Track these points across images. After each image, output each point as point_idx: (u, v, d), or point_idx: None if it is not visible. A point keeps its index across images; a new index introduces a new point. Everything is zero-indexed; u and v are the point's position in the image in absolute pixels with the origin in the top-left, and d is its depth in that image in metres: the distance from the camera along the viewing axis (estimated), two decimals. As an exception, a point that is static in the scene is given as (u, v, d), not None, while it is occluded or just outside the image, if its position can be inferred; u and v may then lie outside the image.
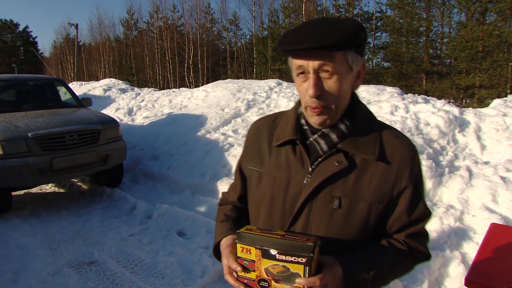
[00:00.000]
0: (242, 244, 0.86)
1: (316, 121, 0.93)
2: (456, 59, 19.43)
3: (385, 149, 0.94)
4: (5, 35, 55.84)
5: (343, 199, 0.91)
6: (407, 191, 0.94)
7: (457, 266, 2.86)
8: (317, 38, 0.81)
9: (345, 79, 0.88)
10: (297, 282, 0.82)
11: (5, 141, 4.17)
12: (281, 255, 0.82)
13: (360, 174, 0.92)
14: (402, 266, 0.98)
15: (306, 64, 0.86)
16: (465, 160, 4.28)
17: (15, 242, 3.76)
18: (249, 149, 1.10)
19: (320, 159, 0.94)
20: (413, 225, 0.98)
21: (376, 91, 7.07)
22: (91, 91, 12.61)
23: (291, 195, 0.96)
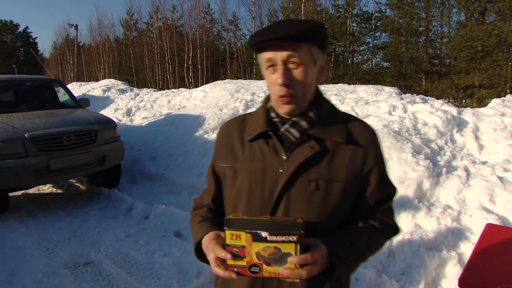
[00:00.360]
0: (232, 230, 0.85)
1: (285, 110, 0.99)
2: (455, 59, 19.42)
3: (352, 133, 1.02)
4: (5, 36, 55.87)
5: (319, 181, 0.97)
6: (375, 170, 1.02)
7: (453, 266, 2.85)
8: (283, 30, 0.90)
9: (310, 70, 0.96)
10: (289, 261, 0.83)
11: (2, 142, 4.17)
12: (272, 236, 0.83)
13: (332, 157, 0.99)
14: (378, 242, 1.04)
15: (275, 56, 0.93)
16: (462, 160, 4.27)
17: (12, 243, 3.76)
18: (220, 149, 1.12)
19: (293, 146, 0.99)
20: (384, 202, 1.06)
21: (374, 91, 7.06)
22: (91, 92, 12.61)
23: (269, 185, 0.99)
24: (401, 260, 3.01)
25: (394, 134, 4.56)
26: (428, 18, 21.31)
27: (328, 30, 25.54)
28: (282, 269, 0.84)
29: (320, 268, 0.87)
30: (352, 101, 6.64)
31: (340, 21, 25.90)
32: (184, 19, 35.27)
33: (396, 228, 1.10)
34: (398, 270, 2.91)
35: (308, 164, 0.97)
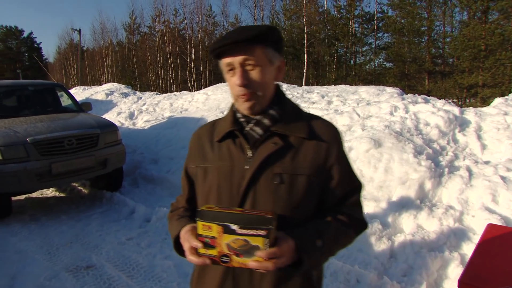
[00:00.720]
0: (204, 221, 0.89)
1: (246, 107, 1.05)
2: (458, 58, 19.30)
3: (314, 129, 1.08)
4: (10, 42, 56.33)
5: (284, 175, 1.02)
6: (338, 165, 1.06)
7: (456, 267, 2.82)
8: (236, 35, 0.98)
9: (267, 70, 1.03)
10: (257, 254, 0.86)
11: (4, 146, 4.20)
12: (241, 229, 0.86)
13: (295, 152, 1.04)
14: (346, 236, 1.07)
15: (233, 60, 1.00)
16: (465, 160, 4.24)
17: (14, 247, 3.77)
18: (192, 153, 1.20)
19: (258, 143, 1.05)
20: (350, 196, 1.10)
21: (376, 91, 7.03)
22: (94, 96, 12.68)
23: (236, 181, 1.04)
24: (402, 262, 2.99)
25: (396, 134, 4.54)
26: (430, 17, 21.22)
27: (330, 31, 25.56)
28: (250, 261, 0.88)
29: (287, 261, 0.90)
30: (353, 102, 6.62)
31: (342, 22, 25.87)
32: (186, 22, 35.44)
33: (364, 222, 1.13)
34: (399, 271, 2.89)
35: (272, 159, 1.02)
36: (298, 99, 7.38)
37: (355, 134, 4.93)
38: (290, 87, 8.70)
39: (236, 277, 1.04)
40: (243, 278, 1.03)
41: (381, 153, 4.25)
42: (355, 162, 4.23)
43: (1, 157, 4.16)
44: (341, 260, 3.05)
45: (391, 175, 3.99)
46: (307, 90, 8.15)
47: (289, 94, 7.90)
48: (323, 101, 6.94)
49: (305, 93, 7.86)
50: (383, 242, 3.22)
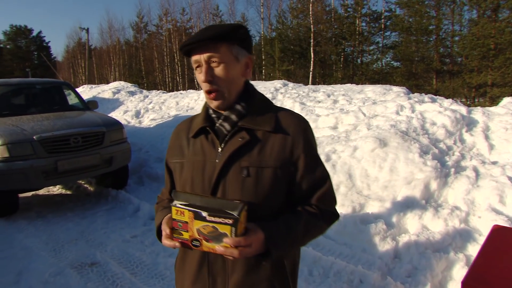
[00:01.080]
0: (177, 207, 0.95)
1: (214, 104, 1.12)
2: (467, 57, 19.04)
3: (281, 123, 1.12)
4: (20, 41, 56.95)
5: (250, 168, 1.07)
6: (303, 156, 1.10)
7: (461, 269, 2.78)
8: (201, 34, 1.04)
9: (232, 67, 1.08)
10: (224, 241, 0.92)
11: (11, 144, 4.24)
12: (210, 216, 0.92)
13: (262, 145, 1.09)
14: (316, 227, 1.11)
15: (199, 58, 1.06)
16: (472, 160, 4.19)
17: (20, 244, 3.81)
18: (171, 148, 1.27)
19: (227, 138, 1.11)
20: (318, 187, 1.13)
21: (382, 91, 6.98)
22: (101, 94, 12.76)
23: (208, 174, 1.11)
24: (407, 262, 2.96)
25: (401, 134, 4.50)
26: (439, 16, 20.98)
27: (337, 30, 25.41)
28: (218, 246, 0.93)
29: (255, 251, 0.96)
30: (359, 101, 6.58)
31: (349, 21, 25.69)
32: (193, 21, 35.53)
33: (335, 214, 1.17)
34: (404, 272, 2.86)
35: (240, 153, 1.08)
36: (304, 98, 7.35)
37: (360, 134, 4.90)
38: (296, 86, 8.67)
39: (210, 263, 1.12)
40: (217, 264, 1.11)
41: (387, 152, 4.21)
42: (360, 162, 4.20)
43: (8, 154, 4.20)
44: (344, 260, 3.03)
45: (396, 175, 3.96)
46: (313, 89, 8.11)
47: (295, 93, 7.87)
48: (328, 100, 6.90)
49: (311, 92, 7.83)
50: (387, 242, 3.19)
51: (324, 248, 3.30)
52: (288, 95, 7.74)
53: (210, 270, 1.12)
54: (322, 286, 2.75)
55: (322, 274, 2.89)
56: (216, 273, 1.12)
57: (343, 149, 4.47)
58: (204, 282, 1.14)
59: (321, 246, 3.32)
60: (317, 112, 6.27)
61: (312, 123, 5.80)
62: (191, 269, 1.16)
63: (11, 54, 54.65)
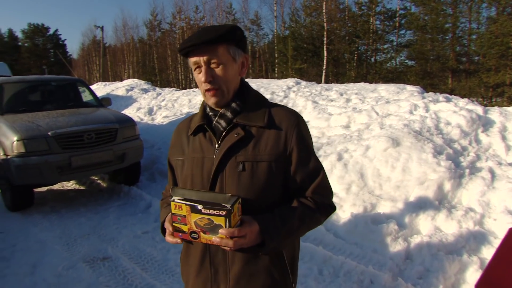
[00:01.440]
0: (175, 202, 1.01)
1: (212, 102, 1.16)
2: (484, 56, 18.61)
3: (274, 118, 1.17)
4: (37, 39, 58.08)
5: (246, 163, 1.12)
6: (296, 150, 1.14)
7: (475, 272, 2.73)
8: (200, 36, 1.08)
9: (230, 67, 1.13)
10: (220, 232, 0.98)
11: (27, 139, 4.33)
12: (205, 209, 0.98)
13: (256, 140, 1.14)
14: (312, 219, 1.15)
15: (199, 60, 1.11)
16: (487, 161, 4.09)
17: (35, 237, 3.90)
18: (173, 146, 1.32)
19: (223, 135, 1.16)
20: (312, 179, 1.17)
21: (396, 90, 6.88)
22: (114, 91, 12.92)
23: (206, 170, 1.16)
24: (419, 264, 2.92)
25: (415, 133, 4.43)
26: (455, 14, 20.53)
27: (351, 28, 25.15)
28: (214, 237, 0.99)
29: (250, 241, 1.02)
30: (372, 100, 6.50)
31: (363, 19, 25.36)
32: (206, 19, 35.64)
33: (331, 206, 1.22)
34: (415, 273, 2.82)
35: (235, 148, 1.13)
36: (317, 96, 7.30)
37: (373, 133, 4.84)
38: (308, 85, 8.61)
39: (212, 255, 1.17)
40: (218, 255, 1.16)
41: (399, 152, 4.15)
42: (372, 161, 4.15)
43: (24, 149, 4.29)
44: (355, 260, 3.00)
45: (409, 175, 3.90)
46: (326, 88, 8.05)
47: (307, 91, 7.83)
48: (341, 98, 6.84)
49: (324, 90, 7.77)
50: (399, 243, 3.15)
51: (335, 247, 3.27)
52: (301, 93, 7.70)
53: (212, 262, 1.18)
54: (332, 286, 2.73)
55: (332, 273, 2.87)
56: (217, 264, 1.17)
57: (355, 148, 4.43)
58: (207, 273, 1.19)
59: (332, 246, 3.30)
60: (329, 111, 6.22)
61: (324, 122, 5.76)
62: (194, 261, 1.22)
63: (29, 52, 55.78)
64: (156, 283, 2.92)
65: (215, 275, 1.18)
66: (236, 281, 1.15)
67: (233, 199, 1.00)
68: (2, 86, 5.43)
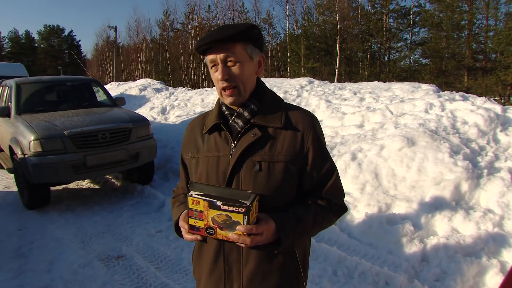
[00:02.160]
0: (193, 197, 1.01)
1: (229, 101, 1.15)
2: (502, 54, 18.20)
3: (291, 119, 1.18)
4: (53, 40, 59.29)
5: (262, 163, 1.12)
6: (312, 151, 1.15)
7: (495, 275, 2.66)
8: (218, 34, 1.07)
9: (247, 65, 1.13)
10: (237, 229, 0.98)
11: (44, 139, 4.41)
12: (224, 205, 0.97)
13: (273, 141, 1.14)
14: (325, 219, 1.16)
15: (215, 57, 1.10)
16: (507, 161, 3.99)
17: (52, 234, 3.96)
18: (186, 144, 1.31)
19: (240, 134, 1.16)
20: (326, 180, 1.18)
21: (411, 88, 6.77)
22: (128, 91, 13.06)
23: (222, 169, 1.16)
24: (435, 266, 2.86)
25: (431, 133, 4.35)
26: (472, 11, 20.13)
27: (364, 26, 24.88)
28: (231, 234, 0.99)
29: (266, 239, 1.02)
30: (386, 99, 6.41)
31: (376, 17, 25.10)
32: (218, 18, 35.75)
33: (343, 207, 1.23)
34: (432, 276, 2.77)
35: (252, 148, 1.13)
36: (330, 95, 7.24)
37: (387, 132, 4.77)
38: (321, 84, 8.55)
39: (226, 254, 1.17)
40: (232, 254, 1.17)
41: (415, 152, 4.08)
42: (387, 161, 4.09)
43: (41, 148, 4.37)
44: (369, 261, 2.96)
45: (424, 175, 3.83)
46: (339, 87, 7.98)
47: (320, 90, 7.77)
48: (355, 98, 6.77)
49: (337, 89, 7.70)
50: (415, 244, 3.09)
51: (349, 248, 3.23)
52: (314, 92, 7.65)
53: (226, 261, 1.18)
54: (346, 287, 2.69)
55: (346, 274, 2.84)
56: (231, 263, 1.18)
57: (369, 148, 4.37)
58: (220, 272, 1.19)
59: (346, 246, 3.26)
60: (343, 110, 6.16)
61: (338, 121, 5.71)
62: (207, 260, 1.22)
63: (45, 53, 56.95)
64: (170, 282, 2.93)
65: (228, 274, 1.18)
66: (250, 280, 1.16)
67: (252, 196, 1.00)
68: (19, 86, 5.54)
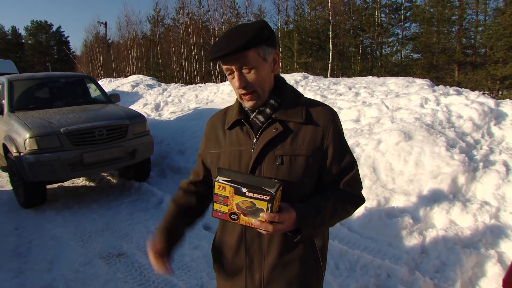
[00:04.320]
0: (219, 182, 1.04)
1: (250, 105, 1.19)
2: (491, 48, 18.42)
3: (311, 114, 1.19)
4: (40, 36, 58.27)
5: (284, 156, 1.15)
6: (333, 145, 1.18)
7: (493, 266, 2.72)
8: (229, 44, 1.06)
9: (262, 68, 1.13)
10: (261, 215, 1.01)
11: (40, 136, 4.35)
12: (250, 192, 1.01)
13: (294, 135, 1.17)
14: (343, 210, 1.18)
15: (230, 67, 1.12)
16: (501, 154, 4.06)
17: (50, 233, 3.93)
18: (207, 140, 1.34)
19: (262, 129, 1.19)
20: (346, 173, 1.20)
21: (405, 83, 6.83)
22: (120, 88, 12.93)
23: (244, 163, 1.19)
24: (435, 257, 2.91)
25: (427, 127, 4.40)
26: (462, 6, 20.30)
27: (356, 21, 24.94)
28: (254, 220, 1.02)
29: (287, 228, 1.05)
30: (382, 93, 6.46)
31: (368, 12, 25.18)
32: (210, 14, 35.50)
33: (361, 198, 1.25)
34: (432, 267, 2.82)
35: (274, 143, 1.16)
36: (325, 90, 7.26)
37: (384, 127, 4.82)
38: (316, 79, 8.57)
39: (248, 245, 1.22)
40: (253, 245, 1.21)
41: (412, 146, 4.13)
42: (384, 155, 4.14)
43: (36, 146, 4.31)
44: (371, 254, 3.00)
45: (422, 169, 3.88)
46: (334, 82, 8.01)
47: (315, 85, 7.79)
48: (350, 92, 6.81)
49: (332, 84, 7.73)
50: (414, 237, 3.14)
51: (350, 241, 3.27)
52: (309, 87, 7.66)
53: (248, 251, 1.22)
54: (348, 280, 2.73)
55: (348, 268, 2.87)
56: (253, 254, 1.22)
57: (366, 142, 4.41)
58: (241, 262, 1.24)
59: (346, 240, 3.30)
60: (338, 105, 6.19)
61: (334, 116, 5.73)
62: (229, 251, 1.27)
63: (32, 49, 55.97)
64: (173, 278, 2.93)
65: (250, 264, 1.22)
66: (271, 270, 1.20)
67: (277, 185, 1.02)
68: (12, 83, 5.45)
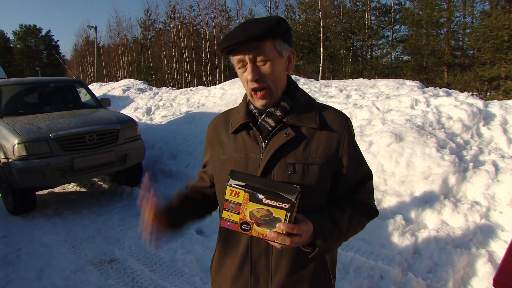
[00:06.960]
0: (231, 187, 0.91)
1: (261, 104, 1.08)
2: (479, 50, 18.75)
3: (326, 119, 1.10)
4: (29, 40, 57.59)
5: (296, 164, 1.05)
6: (348, 154, 1.09)
7: (483, 265, 2.74)
8: (245, 33, 0.98)
9: (277, 63, 1.04)
10: (277, 226, 0.89)
11: (29, 142, 4.28)
12: (267, 199, 0.88)
13: (307, 142, 1.07)
14: (358, 223, 1.09)
15: (243, 57, 1.02)
16: (490, 154, 4.11)
17: (40, 240, 3.86)
18: (209, 145, 1.24)
19: (271, 134, 1.08)
20: (362, 184, 1.13)
21: (396, 85, 6.89)
22: (111, 92, 12.82)
23: (252, 171, 1.06)
24: (427, 258, 2.93)
25: (417, 128, 4.44)
26: (450, 8, 20.64)
27: (346, 24, 25.17)
28: (269, 231, 0.89)
29: (303, 241, 0.94)
30: (372, 95, 6.51)
31: (358, 15, 25.43)
32: (201, 17, 35.50)
33: (375, 210, 1.17)
34: (424, 268, 2.83)
35: (285, 149, 1.05)
36: (316, 93, 7.29)
37: (375, 129, 4.85)
38: (307, 81, 8.60)
39: (253, 263, 1.09)
40: (260, 263, 1.09)
41: (403, 147, 4.16)
42: (376, 157, 4.16)
43: (25, 152, 4.25)
44: (364, 256, 3.01)
45: (413, 170, 3.91)
46: (325, 84, 8.05)
47: (306, 88, 7.82)
48: (341, 95, 6.85)
49: (323, 87, 7.77)
50: (407, 238, 3.16)
51: (342, 244, 3.26)
52: (300, 90, 7.68)
53: (253, 270, 1.10)
54: (342, 282, 2.73)
55: (342, 269, 2.87)
56: (259, 273, 1.09)
57: (358, 144, 4.43)
58: (245, 281, 1.11)
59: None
60: (329, 107, 6.22)
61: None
62: (231, 268, 1.14)
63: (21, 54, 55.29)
64: (166, 284, 2.90)
65: (255, 284, 1.10)
66: None
67: (297, 191, 0.90)
68: (0, 88, 5.37)
